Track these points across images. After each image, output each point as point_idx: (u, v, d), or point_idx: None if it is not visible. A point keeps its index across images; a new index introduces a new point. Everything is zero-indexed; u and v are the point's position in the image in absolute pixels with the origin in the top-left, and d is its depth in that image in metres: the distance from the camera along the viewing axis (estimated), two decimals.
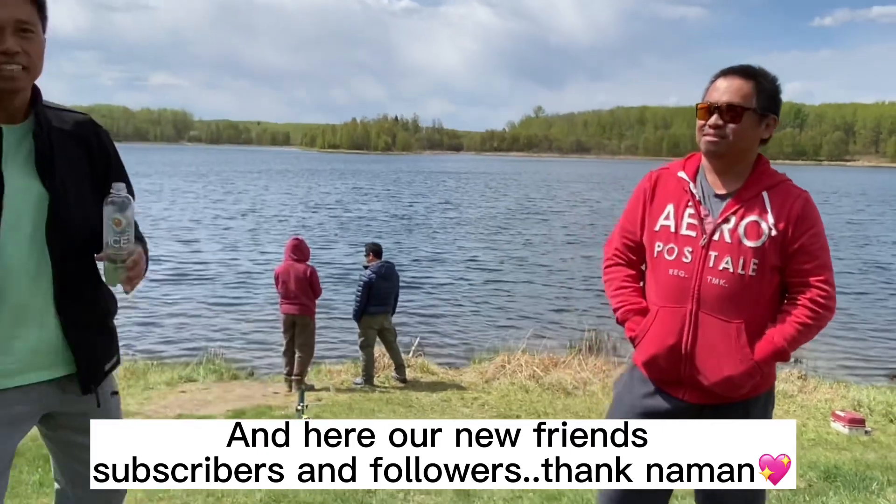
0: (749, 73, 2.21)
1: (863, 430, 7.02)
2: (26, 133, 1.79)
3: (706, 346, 2.16)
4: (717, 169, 2.24)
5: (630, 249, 2.41)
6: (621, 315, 2.36)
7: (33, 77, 1.77)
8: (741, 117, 2.16)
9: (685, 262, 2.19)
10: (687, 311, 2.17)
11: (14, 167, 1.74)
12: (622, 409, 2.35)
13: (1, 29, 1.67)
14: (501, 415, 7.47)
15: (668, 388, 2.25)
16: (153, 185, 47.73)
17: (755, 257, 2.12)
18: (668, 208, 2.27)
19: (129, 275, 1.81)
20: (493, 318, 13.51)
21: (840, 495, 3.92)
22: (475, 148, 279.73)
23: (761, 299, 2.15)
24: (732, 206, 2.18)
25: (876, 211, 42.50)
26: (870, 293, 16.78)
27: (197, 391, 8.01)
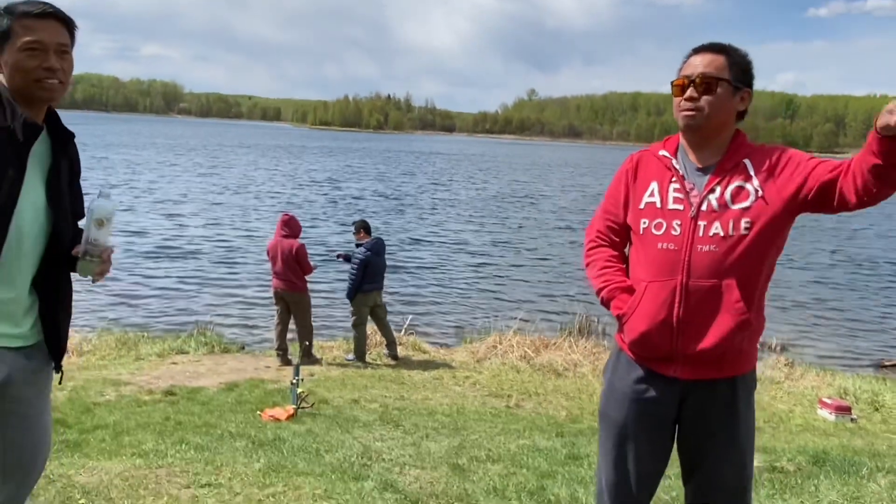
0: (720, 48, 2.23)
1: (849, 417, 7.12)
2: (43, 140, 2.07)
3: (698, 311, 2.14)
4: (695, 144, 2.25)
5: (613, 231, 2.41)
6: (607, 293, 2.34)
7: (64, 90, 2.07)
8: (715, 88, 2.17)
9: (674, 235, 2.18)
10: (677, 282, 2.16)
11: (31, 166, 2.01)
12: (615, 398, 2.34)
13: (46, 49, 1.99)
14: (493, 394, 7.52)
15: (659, 366, 2.24)
16: (139, 157, 47.27)
17: (745, 217, 2.12)
18: (652, 185, 2.27)
19: (102, 268, 2.07)
20: (484, 299, 13.54)
21: (831, 479, 3.97)
22: (467, 129, 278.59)
23: (754, 257, 2.13)
24: (715, 177, 2.19)
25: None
26: (856, 285, 16.95)
27: (188, 363, 8.00)
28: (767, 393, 8.12)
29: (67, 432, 4.79)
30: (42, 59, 1.99)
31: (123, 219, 19.73)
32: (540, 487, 3.70)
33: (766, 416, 7.14)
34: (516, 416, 6.56)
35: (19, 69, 1.99)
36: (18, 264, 2.01)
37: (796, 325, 12.46)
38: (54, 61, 2.00)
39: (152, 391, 6.57)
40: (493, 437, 5.16)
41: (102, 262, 2.07)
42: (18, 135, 1.97)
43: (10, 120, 1.97)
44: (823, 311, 13.96)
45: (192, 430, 4.96)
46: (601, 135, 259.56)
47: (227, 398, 6.44)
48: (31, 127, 2.00)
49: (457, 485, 3.72)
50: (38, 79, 1.99)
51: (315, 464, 3.96)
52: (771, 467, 4.37)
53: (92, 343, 8.63)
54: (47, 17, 2.01)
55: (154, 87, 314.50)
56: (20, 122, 1.98)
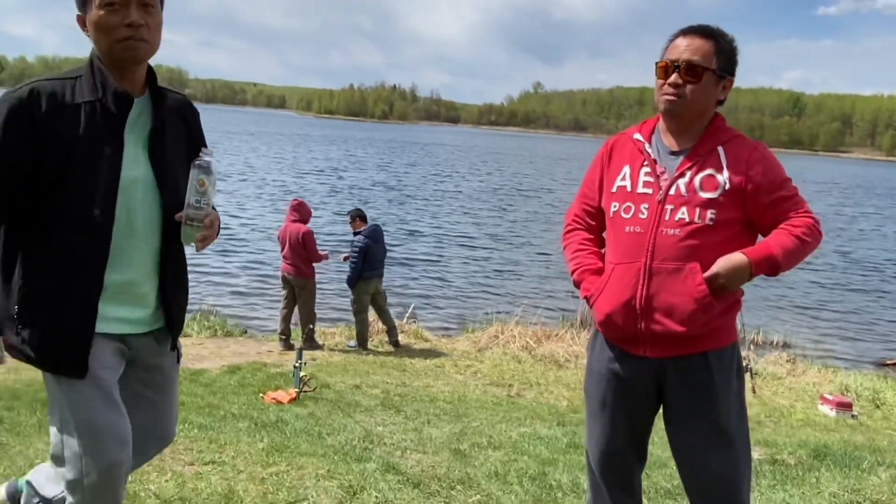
0: (709, 32, 2.21)
1: (850, 413, 7.13)
2: (143, 108, 1.94)
3: (660, 292, 2.15)
4: (673, 129, 2.25)
5: (589, 215, 2.43)
6: (577, 276, 2.37)
7: (153, 50, 1.92)
8: (701, 77, 2.16)
9: (641, 219, 2.19)
10: (641, 264, 2.17)
11: (131, 138, 1.90)
12: (594, 377, 2.38)
13: (126, 3, 1.82)
14: (494, 383, 7.53)
15: (628, 346, 2.25)
16: None
17: (712, 208, 2.12)
18: (624, 169, 2.28)
19: (204, 233, 1.93)
20: (486, 290, 13.55)
21: (832, 472, 3.97)
22: (472, 121, 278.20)
23: (717, 247, 2.13)
24: (688, 161, 2.19)
25: (869, 203, 42.71)
26: (859, 284, 16.94)
27: (191, 346, 8.02)
28: (769, 388, 8.13)
29: None
30: (123, 14, 1.83)
31: None
32: (541, 473, 3.71)
33: (767, 411, 7.16)
34: (517, 405, 6.57)
35: (100, 28, 1.84)
36: (133, 244, 1.92)
37: (798, 321, 12.47)
38: (136, 16, 1.84)
39: None
40: (494, 424, 5.17)
41: (205, 228, 1.93)
42: (111, 107, 1.87)
43: (101, 92, 1.87)
44: (825, 308, 13.96)
45: (195, 411, 4.97)
46: (607, 129, 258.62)
47: (230, 381, 6.46)
48: (123, 97, 1.88)
49: (458, 469, 3.73)
50: (120, 38, 1.84)
51: (317, 445, 3.98)
52: (772, 460, 4.37)
53: None
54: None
55: (159, 72, 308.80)
56: (111, 93, 1.87)
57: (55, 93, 1.83)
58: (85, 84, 1.87)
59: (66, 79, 1.88)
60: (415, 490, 3.33)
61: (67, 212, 1.83)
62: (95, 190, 1.83)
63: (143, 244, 1.94)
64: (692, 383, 2.20)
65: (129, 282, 1.93)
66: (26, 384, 5.45)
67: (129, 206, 1.88)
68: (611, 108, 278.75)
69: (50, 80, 1.87)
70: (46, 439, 3.69)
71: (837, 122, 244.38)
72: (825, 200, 39.26)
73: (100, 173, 1.83)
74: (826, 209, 33.69)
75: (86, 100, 1.85)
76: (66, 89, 1.85)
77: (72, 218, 1.84)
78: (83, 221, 1.84)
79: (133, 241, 1.91)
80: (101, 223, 1.84)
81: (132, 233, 1.90)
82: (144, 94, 1.95)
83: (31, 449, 3.51)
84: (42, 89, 1.83)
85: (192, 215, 1.90)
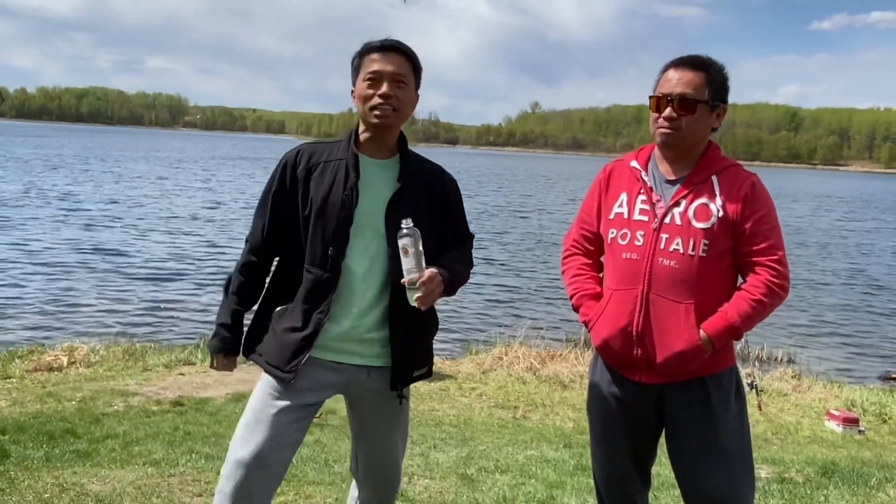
0: (699, 63, 2.26)
1: (857, 429, 7.09)
2: (389, 169, 2.26)
3: (656, 326, 2.19)
4: (668, 157, 2.31)
5: (587, 240, 2.47)
6: (576, 301, 2.43)
7: (401, 119, 2.25)
8: (694, 109, 2.21)
9: (637, 246, 2.24)
10: (638, 292, 2.21)
11: (370, 191, 2.20)
12: (595, 401, 2.42)
13: (381, 78, 2.18)
14: (499, 405, 7.51)
15: (625, 371, 2.30)
16: (147, 169, 47.49)
17: (705, 238, 2.17)
18: (621, 196, 2.34)
19: (421, 295, 2.13)
20: (489, 311, 13.55)
21: (840, 489, 3.97)
22: (471, 142, 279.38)
23: (712, 281, 2.19)
24: (683, 190, 2.24)
25: (869, 217, 42.72)
26: (863, 299, 16.92)
27: (195, 374, 8.00)
28: (775, 405, 8.10)
29: (77, 442, 4.80)
30: (377, 87, 2.18)
31: (129, 234, 19.84)
32: (549, 497, 3.71)
33: (773, 428, 7.13)
34: (523, 427, 6.55)
35: (360, 97, 2.21)
36: (361, 293, 2.20)
37: (803, 337, 12.44)
38: (387, 89, 2.17)
39: (160, 402, 6.58)
40: (500, 447, 5.17)
41: (423, 288, 2.12)
42: (351, 166, 2.20)
43: (346, 153, 2.24)
44: (830, 323, 13.94)
45: (201, 440, 4.97)
46: (605, 147, 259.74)
47: (235, 409, 6.44)
48: (356, 158, 2.22)
49: (466, 494, 3.73)
50: (373, 106, 2.18)
51: (325, 473, 3.98)
52: (780, 478, 4.37)
53: (100, 354, 8.64)
54: (388, 50, 2.21)
55: (160, 100, 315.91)
56: (352, 154, 2.22)
57: (315, 153, 2.25)
58: (341, 147, 2.26)
59: (328, 142, 2.31)
60: None
61: (308, 251, 2.19)
62: (328, 236, 2.17)
63: (367, 287, 2.20)
64: (691, 408, 2.23)
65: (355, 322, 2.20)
66: (32, 416, 5.46)
67: (357, 252, 2.18)
68: (608, 127, 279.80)
69: (315, 144, 2.32)
70: (56, 472, 3.71)
71: (835, 136, 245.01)
72: (830, 216, 39.24)
73: (337, 220, 2.16)
74: (832, 225, 33.69)
75: (337, 158, 2.23)
76: (324, 150, 2.26)
77: (311, 257, 2.19)
78: (319, 262, 2.18)
79: (362, 285, 2.19)
80: (330, 265, 2.17)
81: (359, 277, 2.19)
82: (392, 158, 2.28)
83: (39, 483, 3.51)
84: (306, 150, 2.28)
85: (408, 280, 2.12)
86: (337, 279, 2.17)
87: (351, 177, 2.19)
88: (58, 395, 6.46)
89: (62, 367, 8.02)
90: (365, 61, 2.21)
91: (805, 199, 47.59)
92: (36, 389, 6.89)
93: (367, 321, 2.21)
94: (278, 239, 2.26)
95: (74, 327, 10.57)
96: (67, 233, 18.80)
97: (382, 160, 2.26)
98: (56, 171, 39.09)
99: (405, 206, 2.21)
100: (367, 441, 2.37)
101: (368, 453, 2.38)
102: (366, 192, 2.19)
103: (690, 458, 2.26)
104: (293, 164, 2.23)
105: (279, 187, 2.24)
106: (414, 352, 2.29)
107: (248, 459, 2.15)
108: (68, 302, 12.04)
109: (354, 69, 2.25)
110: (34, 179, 33.25)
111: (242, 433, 2.22)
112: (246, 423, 2.24)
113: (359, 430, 2.38)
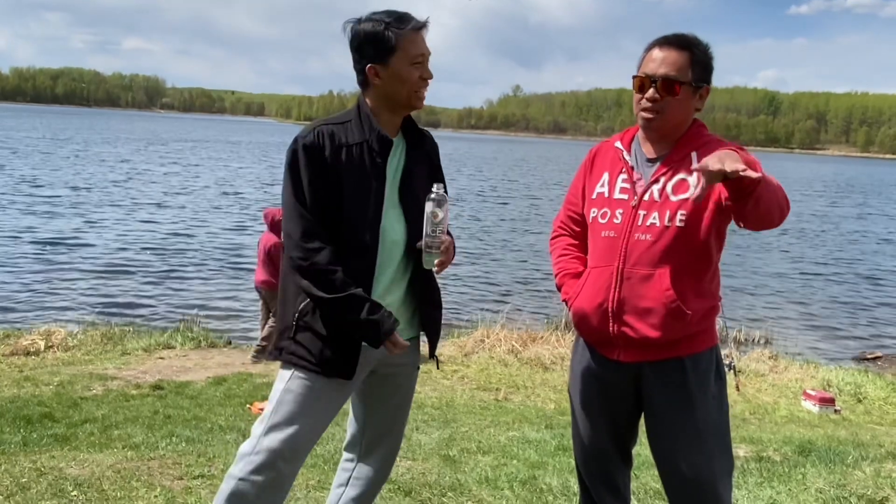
0: (684, 43, 2.23)
1: (832, 408, 7.22)
2: (398, 146, 2.26)
3: (631, 297, 2.19)
4: (651, 138, 2.29)
5: (574, 221, 2.47)
6: (559, 280, 2.43)
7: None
8: (677, 91, 2.19)
9: (615, 223, 2.24)
10: (614, 268, 2.21)
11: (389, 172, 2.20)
12: (575, 379, 2.42)
13: (425, 59, 2.17)
14: (481, 387, 7.54)
15: (603, 349, 2.30)
16: (128, 153, 46.86)
17: (681, 209, 2.15)
18: (604, 176, 2.33)
19: (442, 259, 2.18)
20: (470, 294, 13.57)
21: (817, 467, 4.02)
22: (452, 125, 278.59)
23: (688, 249, 2.16)
24: (662, 168, 2.23)
25: (848, 202, 43.27)
26: (839, 279, 17.16)
27: (175, 358, 7.96)
28: (752, 385, 8.21)
29: (55, 426, 4.76)
30: (422, 70, 2.17)
31: (112, 215, 19.60)
32: (531, 477, 3.73)
33: (751, 408, 7.23)
34: (505, 409, 6.59)
35: (406, 80, 2.15)
36: (389, 271, 2.19)
37: (780, 318, 12.60)
38: (429, 72, 2.19)
39: (140, 385, 6.53)
40: (482, 429, 5.18)
41: (442, 254, 2.16)
42: (375, 147, 2.16)
43: (367, 134, 2.17)
44: (806, 304, 14.13)
45: (181, 424, 4.94)
46: (586, 130, 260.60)
47: (216, 392, 6.41)
48: (385, 140, 2.18)
49: (449, 475, 3.73)
50: (418, 89, 2.18)
51: (308, 455, 3.96)
52: (758, 457, 4.42)
53: (77, 338, 8.56)
54: (424, 29, 2.18)
55: (136, 81, 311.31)
56: (376, 136, 2.17)
57: (333, 134, 2.16)
58: (354, 126, 2.18)
59: (338, 122, 2.20)
60: (406, 498, 3.34)
61: (342, 237, 2.12)
62: (365, 218, 2.13)
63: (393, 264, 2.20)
64: (669, 387, 2.23)
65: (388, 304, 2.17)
66: (8, 400, 5.40)
67: (385, 235, 2.17)
68: (589, 110, 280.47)
69: (327, 124, 2.19)
70: (33, 457, 3.66)
71: (812, 120, 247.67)
72: (816, 202, 39.59)
73: (368, 204, 2.14)
74: (817, 210, 34.07)
75: (357, 141, 2.16)
76: (340, 132, 2.17)
77: (346, 242, 2.12)
78: (356, 245, 2.13)
79: (390, 268, 2.19)
80: (369, 246, 2.14)
81: (390, 260, 2.19)
82: (398, 135, 2.27)
83: (16, 467, 3.46)
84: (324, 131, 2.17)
85: (429, 243, 2.14)
86: (375, 262, 2.15)
87: (378, 161, 2.18)
88: (35, 380, 6.39)
89: (39, 351, 7.93)
90: (405, 41, 2.12)
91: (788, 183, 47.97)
92: (13, 374, 6.81)
93: (397, 296, 2.22)
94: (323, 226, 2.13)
95: (51, 312, 10.44)
96: (41, 217, 18.55)
97: (394, 138, 2.25)
98: (26, 158, 38.47)
99: (416, 181, 2.24)
100: (381, 412, 2.38)
101: (381, 423, 2.39)
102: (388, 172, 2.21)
103: (667, 438, 2.26)
104: (318, 147, 2.13)
105: (311, 173, 2.11)
106: (438, 319, 2.35)
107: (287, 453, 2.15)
108: (45, 286, 11.88)
109: (387, 47, 2.12)
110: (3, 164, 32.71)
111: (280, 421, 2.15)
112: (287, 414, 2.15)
113: (374, 402, 2.37)
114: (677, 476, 2.26)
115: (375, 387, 2.34)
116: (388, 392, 2.36)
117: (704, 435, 2.21)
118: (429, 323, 2.31)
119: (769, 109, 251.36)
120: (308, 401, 2.15)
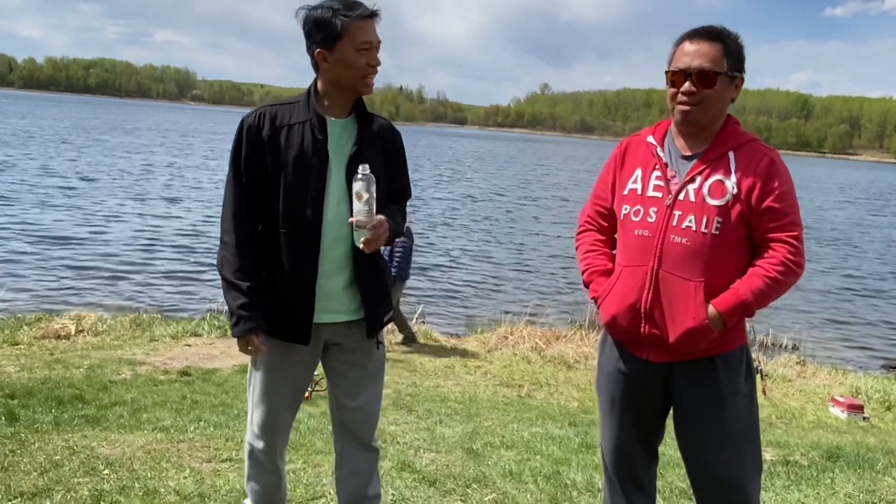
0: (715, 34, 2.20)
1: (861, 415, 7.10)
2: (347, 128, 2.30)
3: (665, 303, 2.16)
4: (686, 133, 2.26)
5: (602, 216, 2.44)
6: (587, 277, 2.40)
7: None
8: (714, 82, 2.16)
9: (650, 222, 2.20)
10: (648, 269, 2.18)
11: (334, 151, 2.26)
12: (603, 377, 2.41)
13: (372, 47, 2.21)
14: (504, 384, 7.53)
15: (633, 348, 2.28)
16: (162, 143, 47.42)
17: (719, 216, 2.13)
18: (636, 172, 2.29)
19: (369, 237, 2.21)
20: (494, 291, 13.55)
21: (846, 472, 3.97)
22: (479, 122, 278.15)
23: (724, 259, 2.14)
24: (698, 166, 2.19)
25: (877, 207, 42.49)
26: (870, 287, 16.88)
27: (202, 345, 8.05)
28: (779, 390, 8.11)
29: (86, 408, 4.84)
30: (369, 57, 2.22)
31: (139, 207, 19.86)
32: (555, 472, 3.73)
33: (777, 413, 7.14)
34: (528, 406, 6.58)
35: (352, 66, 2.21)
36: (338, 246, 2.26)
37: (808, 324, 12.43)
38: (377, 59, 2.24)
39: (168, 371, 6.62)
40: (505, 424, 5.18)
41: (370, 231, 2.20)
42: (315, 125, 2.24)
43: (310, 114, 2.26)
44: (835, 310, 13.91)
45: (208, 409, 5.00)
46: (613, 130, 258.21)
47: (242, 380, 6.47)
48: (322, 119, 2.26)
49: (473, 468, 3.74)
50: (364, 75, 2.23)
51: (332, 443, 3.99)
52: (785, 461, 4.38)
53: (107, 324, 8.69)
54: (373, 18, 2.22)
55: (167, 73, 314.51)
56: (314, 115, 2.25)
57: (276, 115, 2.26)
58: (300, 108, 2.28)
59: (286, 103, 2.31)
60: (430, 488, 3.35)
61: (286, 212, 2.22)
62: (307, 194, 2.21)
63: (338, 243, 2.26)
64: (699, 387, 2.21)
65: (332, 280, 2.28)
66: (40, 381, 5.50)
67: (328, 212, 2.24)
68: (618, 110, 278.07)
69: (274, 105, 2.31)
70: (66, 436, 3.73)
71: (845, 125, 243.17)
72: (850, 209, 38.89)
73: (310, 181, 2.21)
74: (849, 217, 33.49)
75: (300, 120, 2.25)
76: (285, 112, 2.27)
77: (289, 217, 2.22)
78: (300, 219, 2.22)
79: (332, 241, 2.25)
80: (311, 221, 2.22)
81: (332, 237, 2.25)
82: (350, 116, 2.31)
83: (49, 445, 3.54)
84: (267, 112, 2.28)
85: (358, 222, 2.19)
86: (319, 240, 2.23)
87: (318, 139, 2.23)
88: (66, 362, 6.50)
89: (70, 335, 8.07)
90: (352, 28, 2.18)
91: (819, 189, 47.47)
92: (44, 356, 6.93)
93: (343, 278, 2.30)
94: (257, 205, 2.27)
95: (82, 296, 10.62)
96: (76, 203, 18.85)
97: (343, 119, 2.30)
98: (68, 145, 39.09)
99: (366, 162, 2.26)
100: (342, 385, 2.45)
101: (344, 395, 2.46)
102: (331, 152, 2.26)
103: (697, 438, 2.25)
104: (256, 126, 2.25)
105: (248, 152, 2.25)
106: (381, 299, 2.40)
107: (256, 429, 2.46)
108: (75, 271, 12.08)
109: (333, 33, 2.19)
110: (40, 150, 33.28)
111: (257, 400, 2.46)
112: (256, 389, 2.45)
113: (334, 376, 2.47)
114: (707, 475, 2.25)
115: (333, 360, 2.43)
116: (347, 367, 2.43)
117: (735, 434, 2.20)
118: (370, 303, 2.35)
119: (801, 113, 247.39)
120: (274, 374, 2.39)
